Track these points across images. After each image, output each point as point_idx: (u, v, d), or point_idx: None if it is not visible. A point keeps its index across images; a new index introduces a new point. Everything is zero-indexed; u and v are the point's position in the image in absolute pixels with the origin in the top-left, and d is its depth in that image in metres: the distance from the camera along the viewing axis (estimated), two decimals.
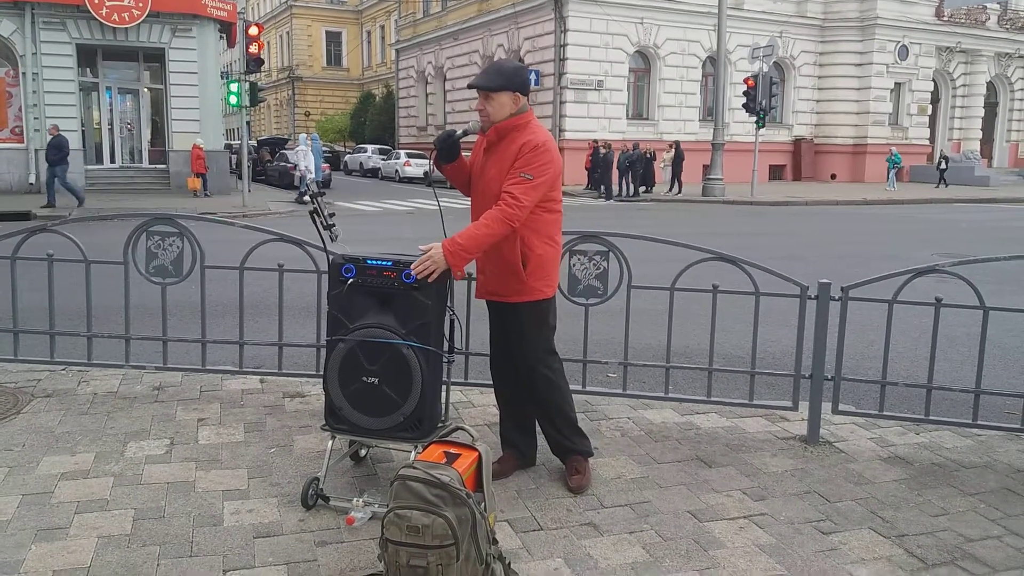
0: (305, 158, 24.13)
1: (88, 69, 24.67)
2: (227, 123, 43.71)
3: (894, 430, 4.73)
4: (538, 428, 4.06)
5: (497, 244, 3.61)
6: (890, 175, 31.71)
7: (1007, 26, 39.18)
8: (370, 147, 42.97)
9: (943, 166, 33.38)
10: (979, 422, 4.54)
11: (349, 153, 45.80)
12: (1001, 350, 6.53)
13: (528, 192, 3.55)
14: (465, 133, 3.82)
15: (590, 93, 31.54)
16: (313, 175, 24.08)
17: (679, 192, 27.81)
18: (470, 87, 3.79)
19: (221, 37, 26.41)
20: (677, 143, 28.96)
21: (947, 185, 32.66)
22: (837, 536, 3.43)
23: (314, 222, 3.89)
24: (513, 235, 3.63)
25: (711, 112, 30.62)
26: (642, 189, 27.85)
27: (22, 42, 22.34)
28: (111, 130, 25.51)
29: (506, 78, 3.67)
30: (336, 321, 3.61)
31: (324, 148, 44.14)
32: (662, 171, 29.72)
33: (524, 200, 3.53)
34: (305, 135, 26.87)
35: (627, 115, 32.82)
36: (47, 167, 19.13)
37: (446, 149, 3.80)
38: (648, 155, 27.89)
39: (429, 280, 3.47)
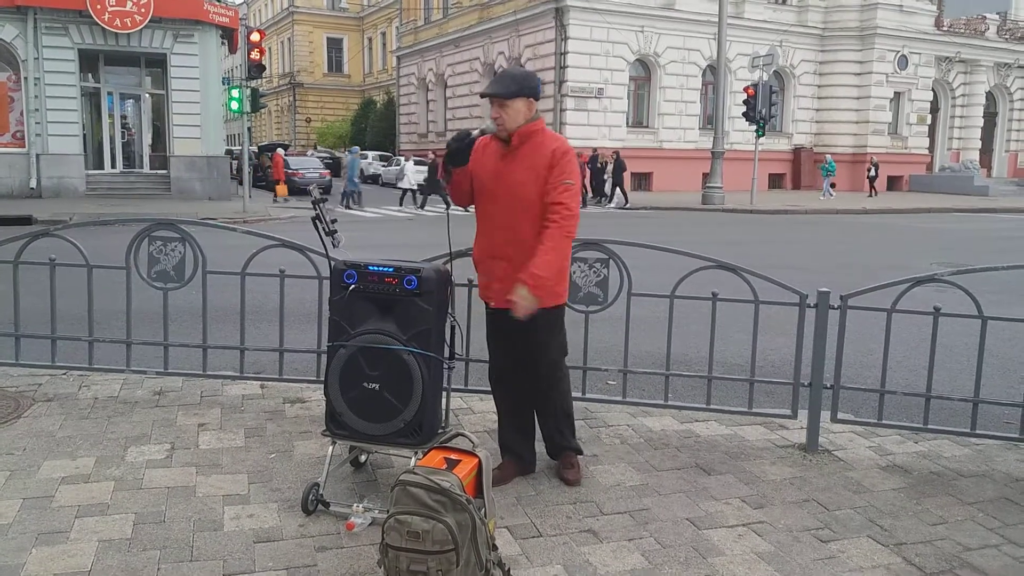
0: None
1: (90, 74, 24.72)
2: (228, 129, 43.84)
3: (893, 439, 4.75)
4: (537, 434, 4.09)
5: (525, 251, 3.67)
6: (824, 183, 31.09)
7: (1006, 36, 39.29)
8: (371, 154, 43.01)
9: (872, 173, 32.95)
10: (977, 431, 4.55)
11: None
12: (999, 360, 6.54)
13: (574, 198, 3.72)
14: (482, 132, 3.79)
15: (590, 101, 31.59)
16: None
17: (623, 204, 26.43)
18: (483, 96, 3.77)
19: (223, 43, 26.48)
20: (617, 152, 27.89)
21: (876, 194, 32.43)
22: (836, 544, 3.44)
23: (316, 228, 3.90)
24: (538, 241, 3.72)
25: (711, 120, 30.69)
26: (603, 199, 27.25)
27: (24, 47, 22.40)
28: (112, 135, 25.55)
29: (519, 84, 3.71)
30: (337, 327, 3.63)
31: (324, 154, 44.27)
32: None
33: (574, 208, 3.70)
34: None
35: (627, 123, 32.87)
36: None
37: (461, 151, 3.75)
38: (601, 164, 27.39)
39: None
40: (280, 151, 24.31)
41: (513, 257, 3.73)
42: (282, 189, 24.85)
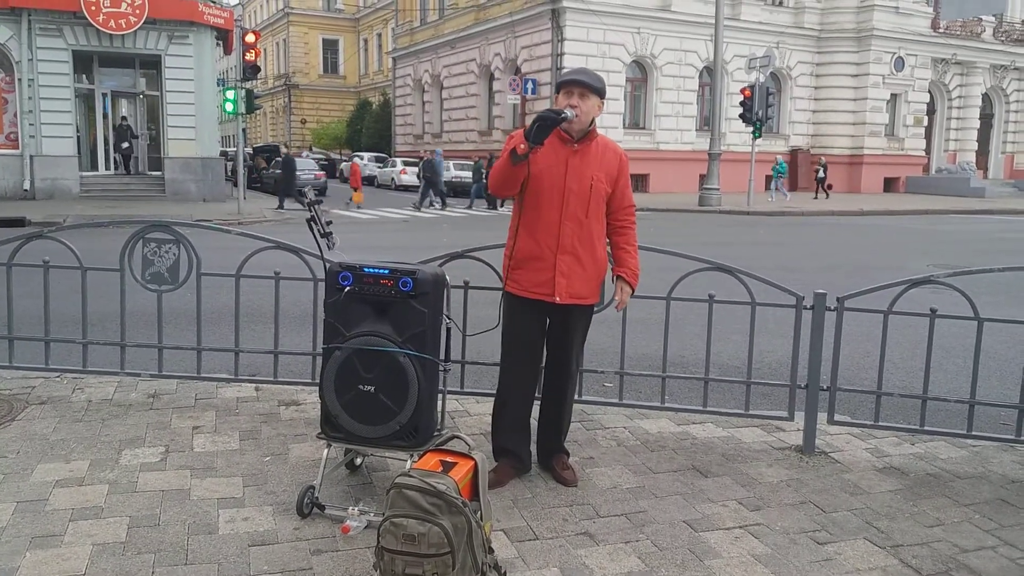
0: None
1: (84, 75, 24.67)
2: (223, 130, 43.80)
3: (889, 440, 4.74)
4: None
5: (591, 246, 3.82)
6: (773, 184, 30.37)
7: (1002, 38, 39.38)
8: (366, 155, 43.00)
9: (821, 174, 31.75)
10: (974, 433, 4.55)
11: (345, 161, 45.83)
12: (996, 361, 6.54)
13: None
14: (569, 117, 3.65)
15: None
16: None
17: (488, 207, 26.17)
18: (574, 83, 3.71)
19: (218, 44, 26.42)
20: (491, 155, 27.21)
21: (828, 196, 31.10)
22: (832, 546, 3.43)
23: (311, 230, 3.89)
24: (603, 241, 3.90)
25: (708, 122, 30.70)
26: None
27: (18, 48, 22.35)
28: (106, 137, 25.50)
29: (601, 83, 3.79)
30: (333, 329, 3.61)
31: (319, 155, 44.25)
32: None
33: None
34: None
35: (624, 125, 32.85)
36: None
37: (548, 129, 3.54)
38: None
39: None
40: (357, 160, 24.73)
41: (580, 252, 3.79)
42: (358, 196, 25.03)
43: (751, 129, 26.33)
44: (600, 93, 3.77)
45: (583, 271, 3.81)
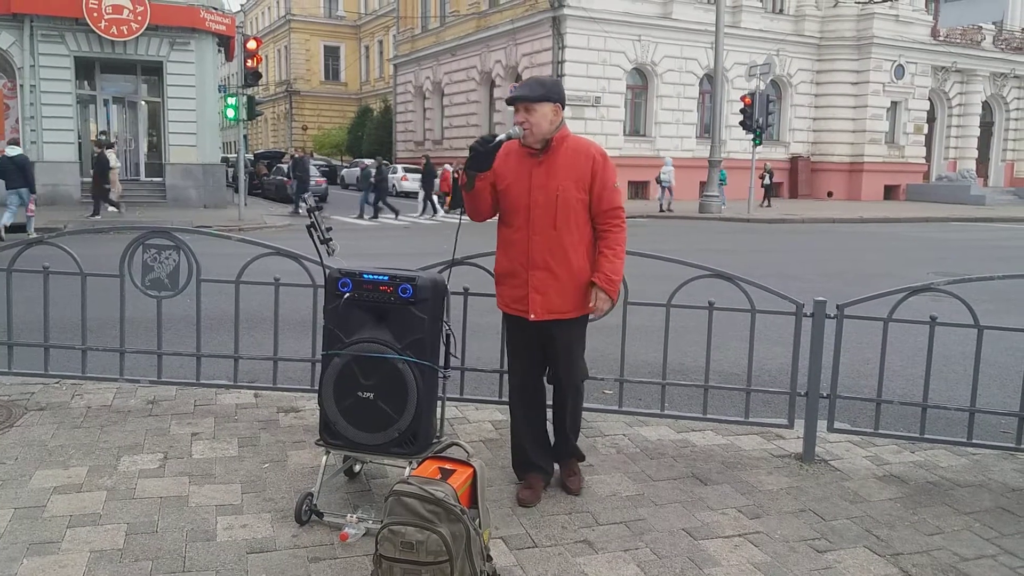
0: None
1: (86, 82, 24.70)
2: (224, 136, 43.81)
3: (889, 448, 4.73)
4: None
5: (565, 258, 3.69)
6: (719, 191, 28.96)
7: (1002, 46, 39.44)
8: (367, 161, 42.95)
9: (767, 181, 30.72)
10: (974, 441, 4.55)
11: (346, 167, 45.86)
12: (996, 369, 6.53)
13: (622, 201, 3.82)
14: (508, 137, 3.69)
15: (587, 110, 31.55)
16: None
17: (432, 214, 25.94)
18: (510, 102, 3.72)
19: (219, 51, 26.47)
20: (427, 157, 27.52)
21: (769, 204, 30.13)
22: (832, 554, 3.43)
23: (311, 236, 3.89)
24: (584, 250, 3.73)
25: (708, 129, 30.71)
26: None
27: (20, 54, 22.39)
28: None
29: (547, 89, 3.70)
30: (332, 335, 3.61)
31: (321, 162, 44.33)
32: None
33: (623, 211, 3.81)
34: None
35: (624, 132, 32.91)
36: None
37: (486, 154, 3.58)
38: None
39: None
40: (448, 167, 25.10)
41: (553, 266, 3.69)
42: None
43: (751, 136, 26.34)
44: (549, 98, 3.67)
45: (559, 285, 3.71)
